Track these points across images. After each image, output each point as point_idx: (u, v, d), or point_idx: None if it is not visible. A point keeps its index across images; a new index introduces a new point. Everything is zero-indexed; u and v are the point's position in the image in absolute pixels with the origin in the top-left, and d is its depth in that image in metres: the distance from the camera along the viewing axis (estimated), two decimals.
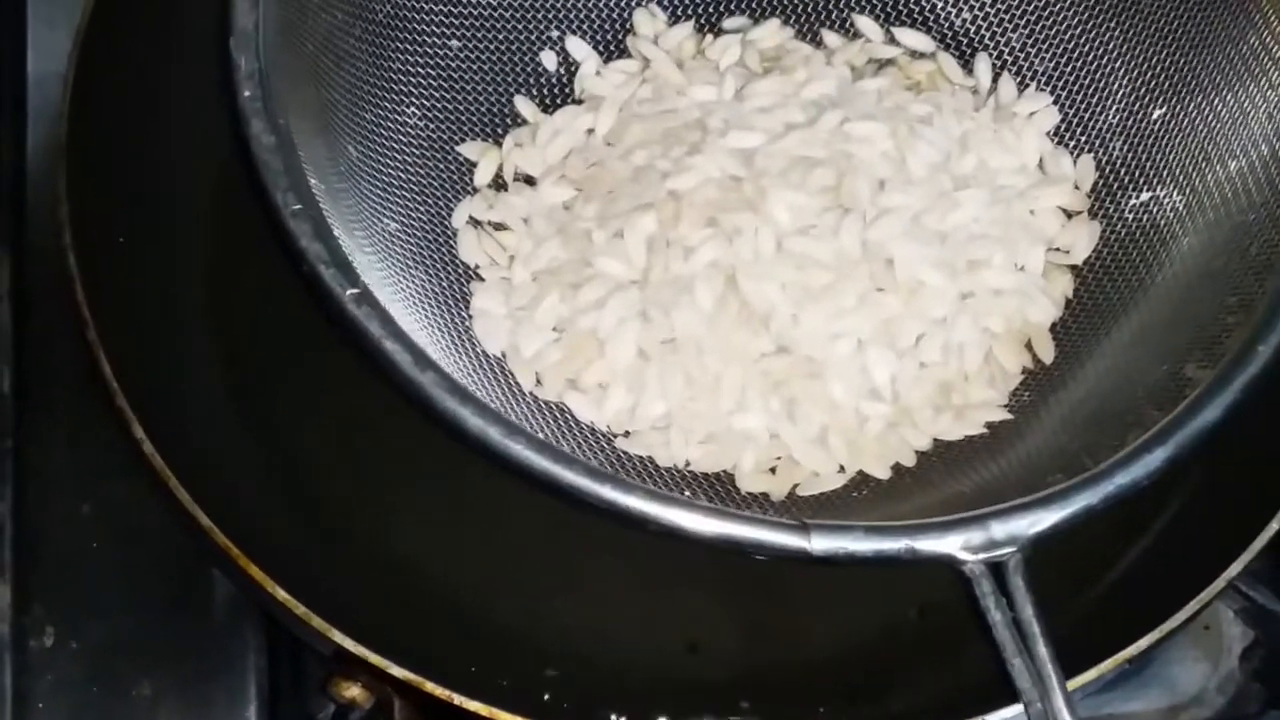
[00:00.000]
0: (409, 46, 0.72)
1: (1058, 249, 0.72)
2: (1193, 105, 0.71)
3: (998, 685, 0.56)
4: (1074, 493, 0.57)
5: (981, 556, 0.56)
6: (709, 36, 0.77)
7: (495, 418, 0.57)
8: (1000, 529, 0.56)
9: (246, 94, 0.60)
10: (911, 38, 0.77)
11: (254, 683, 0.71)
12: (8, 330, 0.74)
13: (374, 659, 0.62)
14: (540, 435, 0.66)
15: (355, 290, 0.58)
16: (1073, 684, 0.60)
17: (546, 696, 0.66)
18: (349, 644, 0.62)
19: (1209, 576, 0.64)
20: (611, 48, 0.77)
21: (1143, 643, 0.63)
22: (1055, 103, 0.75)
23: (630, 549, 0.67)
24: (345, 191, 0.66)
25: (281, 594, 0.63)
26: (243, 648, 0.71)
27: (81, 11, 0.70)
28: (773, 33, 0.77)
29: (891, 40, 0.77)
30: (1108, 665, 0.62)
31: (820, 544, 0.55)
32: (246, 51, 0.61)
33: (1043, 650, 0.55)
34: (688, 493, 0.67)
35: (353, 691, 0.64)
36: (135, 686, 0.70)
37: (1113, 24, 0.74)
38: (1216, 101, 0.69)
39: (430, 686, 0.62)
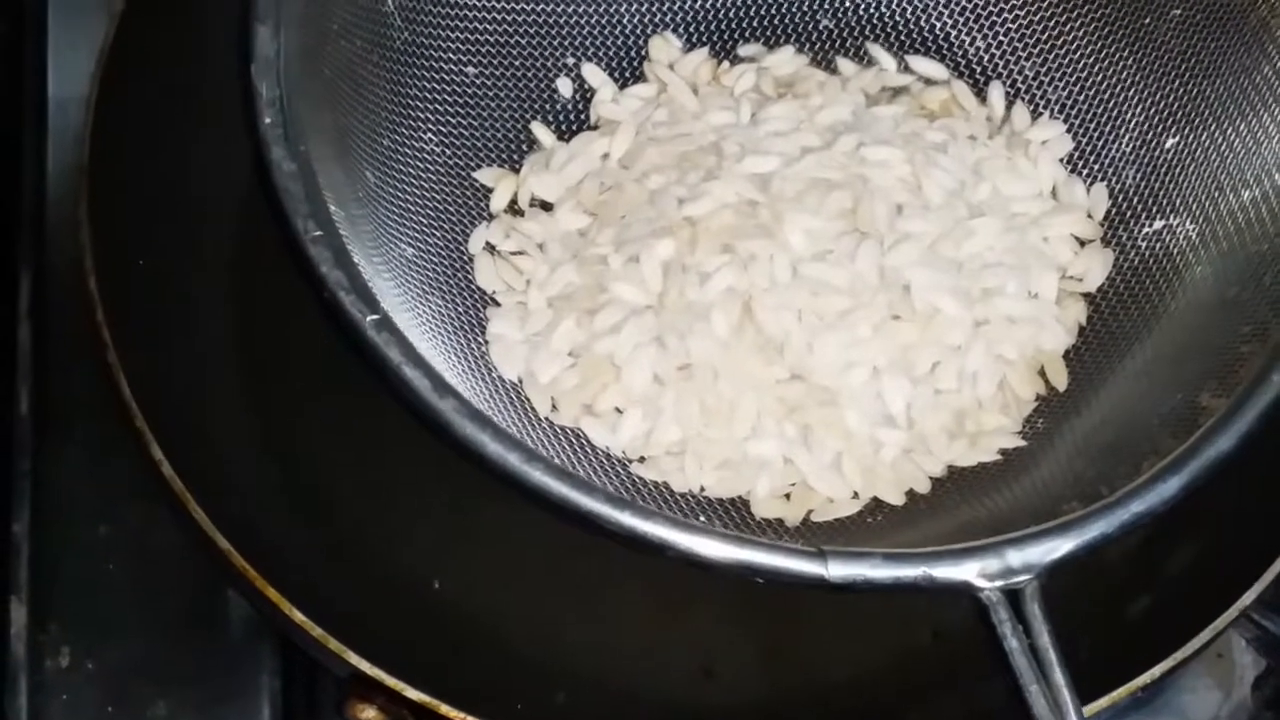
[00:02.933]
0: (426, 74, 0.73)
1: (1071, 277, 0.72)
2: (1205, 134, 0.71)
3: (1013, 711, 0.56)
4: (1090, 521, 0.57)
5: (998, 584, 0.56)
6: (724, 63, 0.78)
7: (514, 443, 0.57)
8: (1017, 557, 0.56)
9: (267, 121, 0.61)
10: (925, 66, 0.77)
11: (269, 704, 0.71)
12: (26, 351, 0.75)
13: (390, 681, 0.62)
14: (556, 461, 0.66)
15: (375, 317, 0.58)
16: (1086, 711, 0.60)
17: None
18: (365, 666, 0.62)
19: (1222, 605, 0.64)
20: (627, 74, 0.78)
21: (1156, 671, 0.63)
22: (1068, 131, 0.75)
23: (646, 573, 0.67)
24: (363, 218, 0.66)
25: (299, 616, 0.63)
26: (258, 669, 0.71)
27: (104, 34, 0.71)
28: (787, 60, 0.77)
29: (905, 68, 0.78)
30: (1121, 693, 0.62)
31: (837, 570, 0.56)
32: (268, 78, 0.62)
33: (1059, 677, 0.55)
34: (703, 518, 0.67)
35: (368, 714, 0.64)
36: (151, 707, 0.70)
37: (1125, 53, 0.74)
38: (1230, 131, 0.70)
39: (446, 709, 0.62)
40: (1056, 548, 0.57)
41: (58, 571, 0.71)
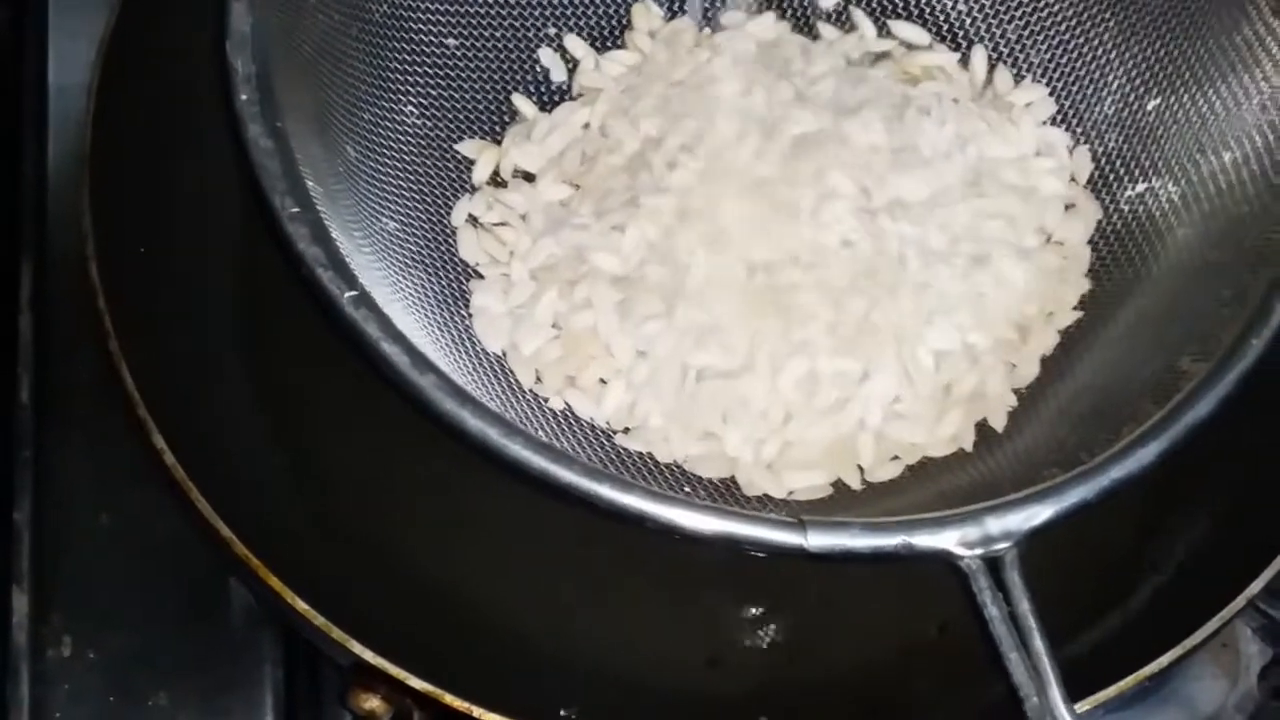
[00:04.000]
0: (406, 45, 0.73)
1: (1058, 241, 0.72)
2: (1187, 96, 0.71)
3: (1018, 705, 0.55)
4: (1068, 487, 0.57)
5: (978, 552, 0.56)
6: (706, 30, 0.77)
7: (493, 418, 0.57)
8: (996, 524, 0.56)
9: (243, 98, 0.61)
10: (907, 30, 0.77)
11: (271, 693, 0.71)
12: (28, 340, 0.74)
13: (394, 671, 0.62)
14: (541, 434, 0.66)
15: (353, 293, 0.58)
16: (1092, 701, 0.61)
17: (563, 711, 0.66)
18: (369, 656, 0.62)
19: (1229, 595, 0.64)
20: (609, 44, 0.77)
21: (1163, 660, 0.62)
22: (1050, 95, 0.75)
23: (652, 562, 0.68)
24: (343, 192, 0.66)
25: (301, 605, 0.63)
26: (260, 658, 0.71)
27: (105, 21, 0.71)
28: (769, 26, 0.77)
29: (887, 34, 0.77)
30: (1128, 682, 0.62)
31: (817, 540, 0.56)
32: (243, 55, 0.62)
33: (1038, 644, 0.55)
34: (688, 489, 0.67)
35: (372, 703, 0.63)
36: (152, 697, 0.70)
37: (1107, 15, 0.74)
38: (1211, 92, 0.70)
39: (450, 699, 0.62)
40: (1035, 514, 0.57)
41: (59, 560, 0.71)
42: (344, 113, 0.69)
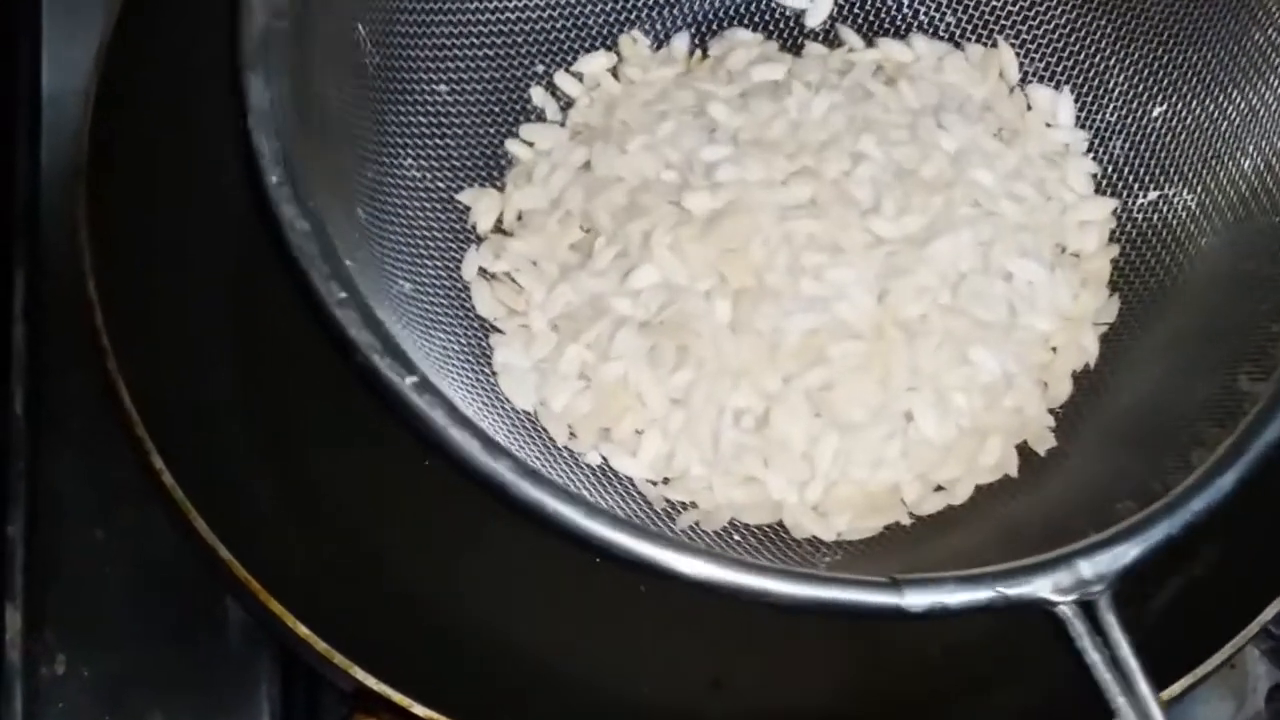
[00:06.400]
0: (399, 97, 0.70)
1: (1073, 253, 0.72)
2: (1195, 102, 0.71)
3: None
4: (1153, 522, 0.57)
5: (1073, 597, 0.56)
6: (696, 54, 0.76)
7: (573, 499, 0.56)
8: (1089, 567, 0.56)
9: (274, 180, 0.58)
10: (894, 49, 0.76)
11: (268, 713, 0.70)
12: (21, 351, 0.73)
13: (396, 698, 0.61)
14: (585, 492, 0.65)
15: (414, 379, 0.56)
16: None
17: None
18: (371, 682, 0.61)
19: (1243, 620, 0.64)
20: (599, 79, 0.76)
21: (1175, 688, 0.62)
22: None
23: (655, 584, 0.66)
24: (365, 260, 0.64)
25: (303, 630, 0.62)
26: (257, 677, 0.70)
27: (102, 29, 0.69)
28: (759, 43, 0.76)
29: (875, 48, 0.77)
30: None
31: (915, 600, 0.55)
32: (266, 132, 0.59)
33: (1144, 688, 0.54)
34: (736, 538, 0.66)
35: None
36: (147, 716, 0.69)
37: (1103, 20, 0.74)
38: (1221, 98, 0.70)
39: None
40: (1124, 554, 0.56)
41: (53, 576, 0.71)
42: (352, 175, 0.67)
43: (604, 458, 0.68)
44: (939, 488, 0.68)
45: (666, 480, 0.68)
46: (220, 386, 0.70)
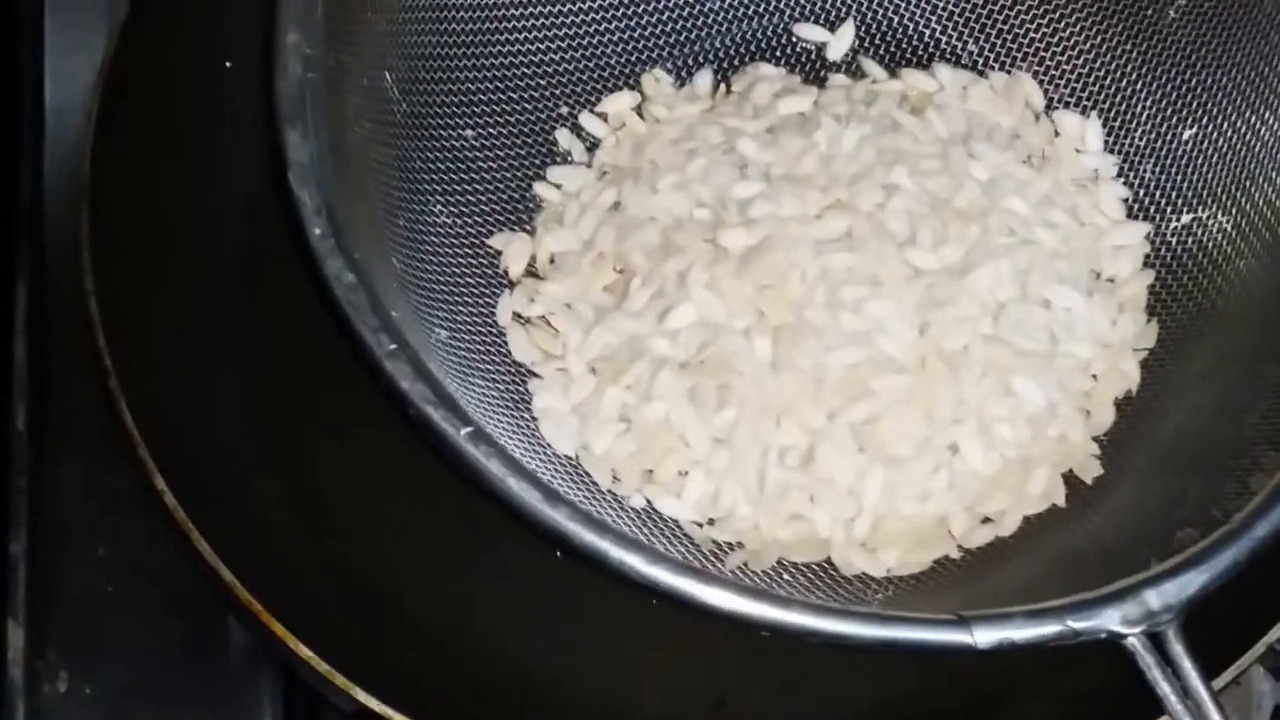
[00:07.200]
0: (427, 144, 0.70)
1: (1109, 279, 0.71)
2: (1226, 125, 0.70)
3: None
4: (1219, 550, 0.57)
5: (1141, 629, 0.55)
6: (720, 90, 0.76)
7: (636, 545, 0.55)
8: (1156, 598, 0.55)
9: (317, 233, 0.58)
10: (918, 79, 0.76)
11: None
12: (23, 366, 0.73)
13: (398, 719, 0.61)
14: (634, 534, 0.65)
15: (469, 429, 0.56)
16: None
17: None
18: (374, 704, 0.61)
19: (1250, 639, 0.63)
20: (624, 119, 0.75)
21: None
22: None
23: (660, 604, 0.65)
24: (405, 310, 0.64)
25: (305, 651, 0.62)
26: (259, 695, 0.70)
27: (105, 44, 0.68)
28: (782, 78, 0.75)
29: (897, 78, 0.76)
30: None
31: (984, 637, 0.54)
32: (308, 187, 0.59)
33: (1216, 718, 0.54)
34: (786, 577, 0.66)
35: None
36: None
37: (1128, 45, 0.74)
38: (1254, 119, 0.69)
39: None
40: (1190, 582, 0.56)
41: (56, 594, 0.70)
42: (385, 225, 0.66)
43: (648, 500, 0.67)
44: (987, 519, 0.67)
45: (712, 521, 0.67)
46: (222, 407, 0.70)
